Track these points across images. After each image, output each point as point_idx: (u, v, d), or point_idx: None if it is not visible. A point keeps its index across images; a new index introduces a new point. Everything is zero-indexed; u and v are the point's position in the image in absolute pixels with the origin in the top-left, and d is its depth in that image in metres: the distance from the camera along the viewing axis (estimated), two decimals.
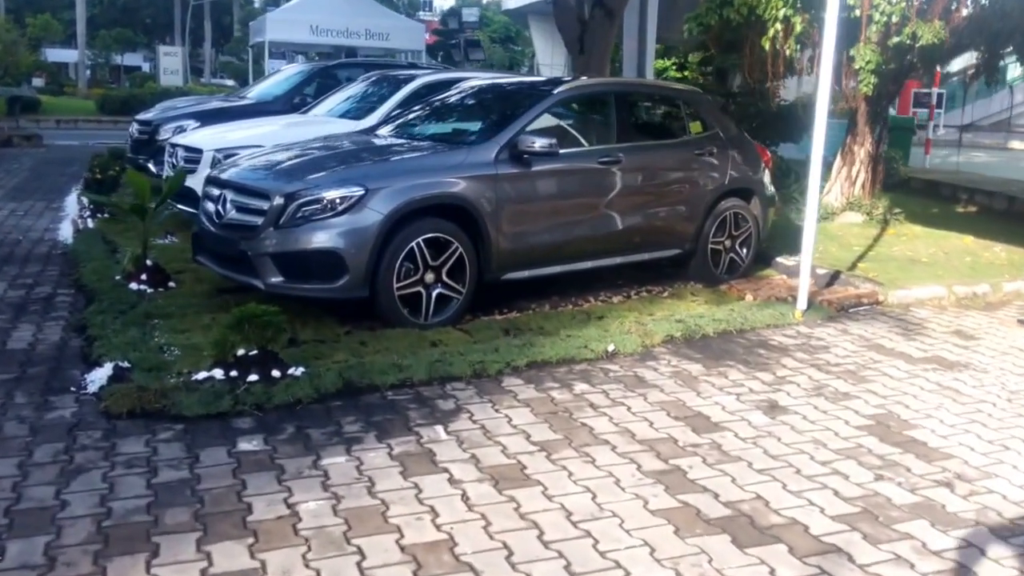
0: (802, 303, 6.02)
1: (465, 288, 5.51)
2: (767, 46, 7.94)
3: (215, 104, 11.12)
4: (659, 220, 6.44)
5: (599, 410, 4.24)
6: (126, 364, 4.53)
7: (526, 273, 5.86)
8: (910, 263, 7.76)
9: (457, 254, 5.42)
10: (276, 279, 5.14)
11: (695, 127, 6.81)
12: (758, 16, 7.83)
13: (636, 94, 6.74)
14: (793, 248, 8.00)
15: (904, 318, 6.14)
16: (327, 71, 11.89)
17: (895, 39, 7.44)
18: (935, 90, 19.67)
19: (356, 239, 5.07)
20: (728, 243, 6.92)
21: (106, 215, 9.02)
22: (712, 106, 7.06)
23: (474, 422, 4.06)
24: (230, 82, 42.47)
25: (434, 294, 5.41)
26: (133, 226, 8.27)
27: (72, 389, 4.33)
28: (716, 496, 3.34)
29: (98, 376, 4.42)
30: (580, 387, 4.56)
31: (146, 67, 47.72)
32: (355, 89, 9.54)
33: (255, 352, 4.38)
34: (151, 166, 10.37)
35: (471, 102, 6.85)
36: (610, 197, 6.13)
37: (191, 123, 10.27)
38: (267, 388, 4.23)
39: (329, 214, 5.10)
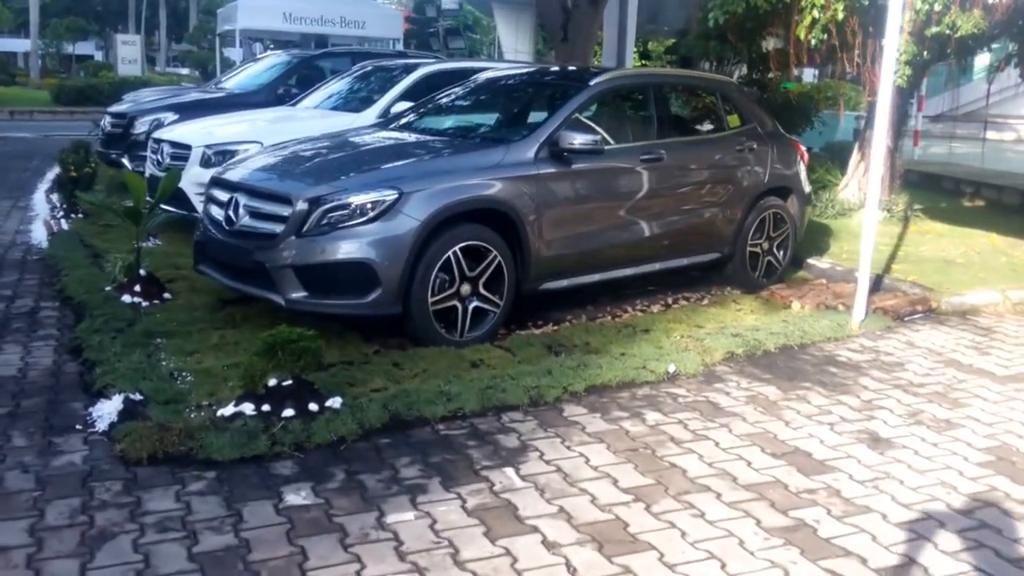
0: (859, 313, 5.62)
1: (503, 301, 5.01)
2: (802, 34, 7.53)
3: (194, 96, 10.44)
4: (701, 222, 6.00)
5: (683, 445, 3.78)
6: (137, 396, 3.96)
7: (565, 282, 5.38)
8: (945, 264, 7.42)
9: (495, 264, 4.92)
10: (298, 294, 4.59)
11: (733, 120, 6.38)
12: (786, 4, 7.43)
13: (673, 85, 6.28)
14: (818, 248, 7.65)
15: (966, 328, 5.77)
16: (310, 61, 11.26)
17: (934, 29, 7.09)
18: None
19: (389, 249, 4.54)
20: (766, 245, 6.51)
21: (80, 215, 8.37)
22: (749, 98, 6.64)
23: (547, 463, 3.57)
24: (185, 71, 41.18)
25: (470, 308, 4.90)
26: (114, 227, 7.68)
27: (78, 427, 3.76)
28: (864, 561, 2.88)
29: (106, 411, 3.85)
30: (652, 416, 4.10)
31: (99, 56, 46.12)
32: (347, 80, 8.94)
33: (289, 382, 3.84)
34: (126, 161, 9.71)
35: (494, 95, 6.34)
36: (652, 198, 5.67)
37: (169, 116, 9.61)
38: (305, 424, 3.70)
39: (359, 221, 4.56)
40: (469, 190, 4.80)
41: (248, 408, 3.75)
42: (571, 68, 7.01)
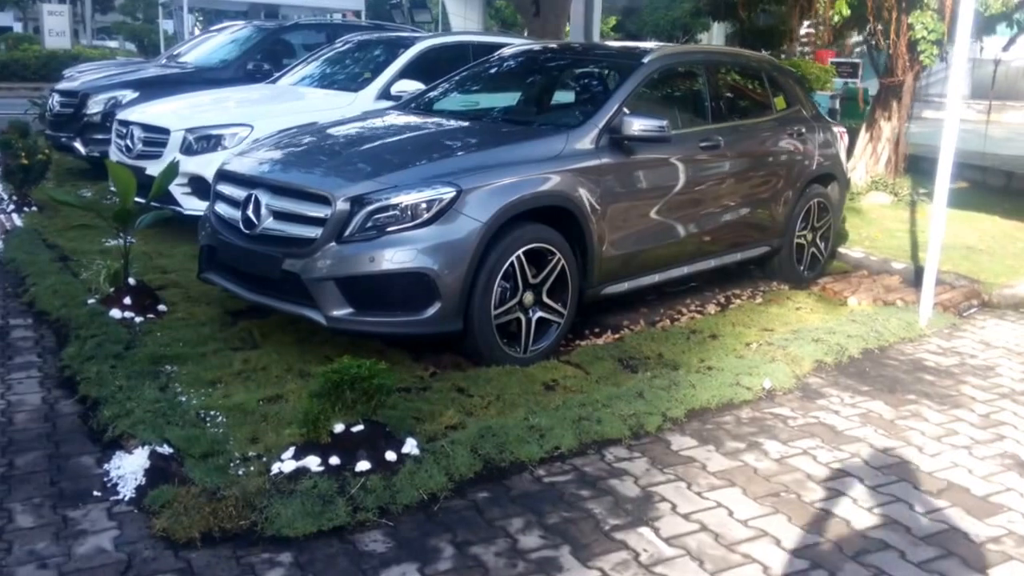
0: (926, 311, 5.12)
1: (567, 309, 4.33)
2: (822, 9, 6.96)
3: (153, 71, 9.34)
4: (754, 213, 5.41)
5: (826, 486, 3.19)
6: (165, 447, 3.16)
7: (626, 285, 4.73)
8: (969, 251, 7.01)
9: (559, 268, 4.23)
10: (342, 311, 3.82)
11: (779, 103, 5.79)
12: None
13: (724, 64, 5.62)
14: (836, 235, 7.17)
15: None
16: (278, 34, 10.22)
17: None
18: (853, 59, 19.31)
19: (449, 256, 3.81)
20: (809, 236, 5.97)
21: (34, 208, 7.32)
22: (792, 78, 6.05)
23: (685, 518, 2.93)
24: (113, 44, 38.70)
25: (534, 319, 4.21)
26: (77, 223, 6.70)
27: (95, 493, 2.96)
28: None
29: (129, 469, 3.05)
30: (771, 447, 3.50)
31: (18, 28, 43.09)
32: (332, 55, 8.03)
33: (360, 427, 3.10)
34: (78, 145, 8.65)
35: (529, 73, 5.59)
36: (709, 189, 5.05)
37: (128, 94, 8.58)
38: (387, 480, 2.97)
39: (412, 223, 3.81)
40: (533, 185, 4.09)
41: (313, 463, 3.00)
42: (613, 44, 6.27)
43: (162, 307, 4.81)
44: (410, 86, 6.82)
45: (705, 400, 3.83)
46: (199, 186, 6.13)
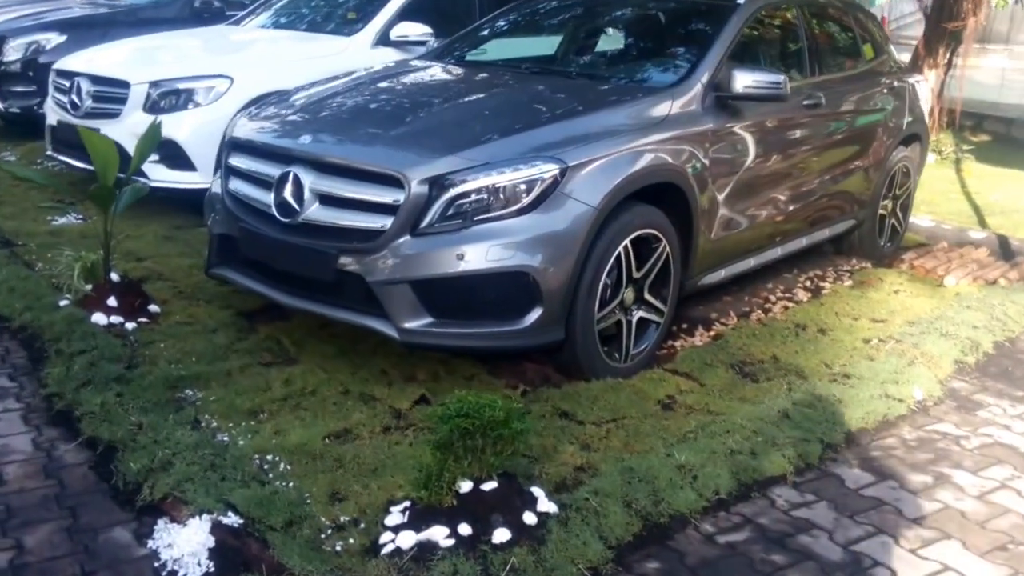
0: None
1: (667, 306, 3.83)
2: None
3: (80, 10, 8.34)
4: (849, 182, 4.98)
5: None
6: (230, 515, 2.57)
7: (722, 273, 4.25)
8: None
9: (664, 257, 3.72)
10: (418, 322, 3.22)
11: (868, 52, 5.32)
12: None
13: (816, 6, 5.08)
14: None
15: None
16: None
17: None
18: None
19: (555, 249, 3.25)
20: (890, 205, 5.58)
21: None
22: (875, 22, 5.58)
23: None
24: None
25: (634, 320, 3.70)
26: (4, 196, 5.86)
27: None
28: None
29: (187, 549, 2.46)
30: (961, 479, 3.09)
31: None
32: None
33: (493, 484, 2.55)
34: None
35: (589, 16, 4.97)
36: (810, 156, 4.59)
37: (53, 37, 7.63)
38: (535, 553, 2.45)
39: (509, 210, 3.22)
40: (644, 157, 3.54)
41: (439, 534, 2.45)
42: None
43: (154, 308, 4.13)
44: (413, 30, 6.15)
45: (859, 419, 3.40)
46: (169, 152, 5.38)
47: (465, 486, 2.54)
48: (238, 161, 3.71)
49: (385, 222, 3.22)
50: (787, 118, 4.33)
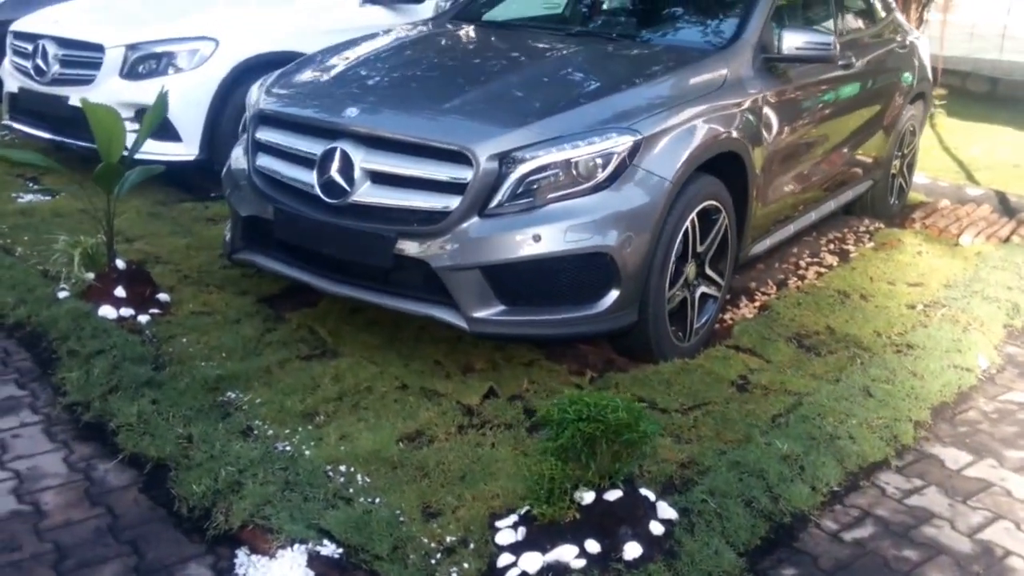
0: None
1: (724, 279, 3.59)
2: None
3: None
4: (872, 143, 4.79)
5: None
6: (325, 543, 2.24)
7: (768, 242, 4.02)
8: (1016, 170, 6.77)
9: (723, 229, 3.46)
10: (490, 310, 2.90)
11: (879, 10, 5.10)
12: None
13: None
14: None
15: None
16: None
17: None
18: None
19: (632, 227, 2.95)
20: (898, 164, 5.43)
21: None
22: None
23: None
24: None
25: (697, 296, 3.45)
26: None
27: None
28: None
29: None
30: None
31: None
32: None
33: (617, 493, 2.28)
34: None
35: None
36: (843, 117, 4.38)
37: None
38: (671, 567, 2.20)
39: (582, 186, 2.91)
40: (709, 126, 3.25)
41: (569, 554, 2.17)
42: None
43: (163, 296, 3.70)
44: None
45: (937, 393, 3.22)
46: None
47: (588, 497, 2.26)
48: (269, 136, 3.29)
49: (450, 202, 2.88)
50: (826, 80, 4.09)
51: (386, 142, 2.98)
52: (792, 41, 3.62)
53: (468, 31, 4.17)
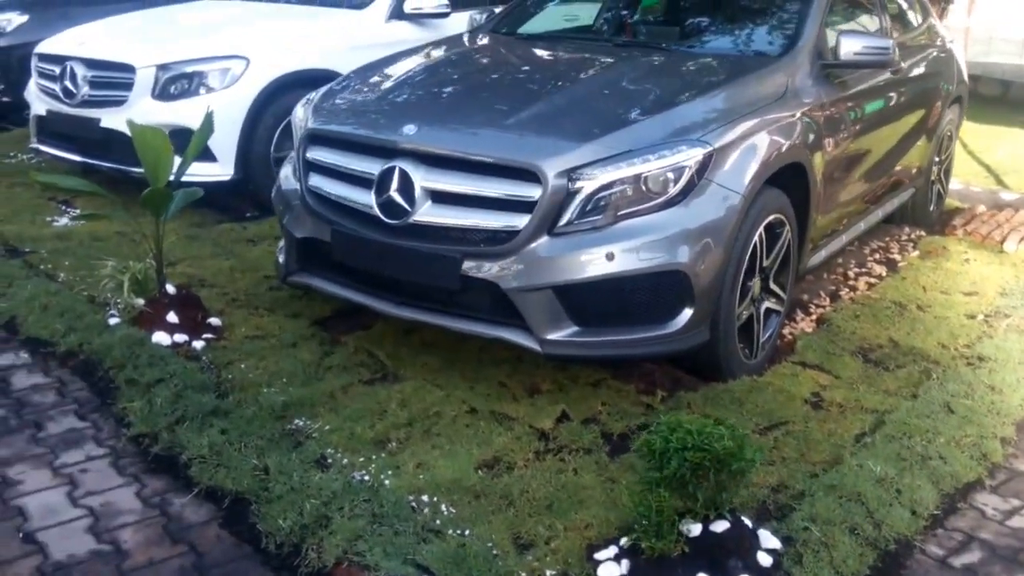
0: None
1: (787, 293, 3.48)
2: None
3: None
4: (914, 149, 4.68)
5: None
6: None
7: (823, 254, 3.91)
8: None
9: (787, 242, 3.36)
10: (563, 332, 2.79)
11: (918, 15, 5.01)
12: None
13: None
14: None
15: None
16: None
17: None
18: None
19: (706, 243, 2.84)
20: (936, 170, 5.33)
21: None
22: None
23: None
24: None
25: (763, 311, 3.34)
26: None
27: None
28: None
29: None
30: None
31: None
32: None
33: (725, 525, 2.16)
34: None
35: None
36: (893, 124, 4.28)
37: (12, 17, 6.86)
38: None
39: (657, 201, 2.80)
40: (776, 137, 3.15)
41: None
42: None
43: (215, 320, 3.59)
44: (428, 2, 5.61)
45: (1018, 407, 3.12)
46: (186, 143, 4.72)
47: (695, 529, 2.14)
48: (321, 155, 3.18)
49: (518, 221, 2.77)
50: (879, 85, 4.00)
51: (447, 160, 2.87)
52: (851, 46, 3.52)
53: (510, 44, 4.07)
